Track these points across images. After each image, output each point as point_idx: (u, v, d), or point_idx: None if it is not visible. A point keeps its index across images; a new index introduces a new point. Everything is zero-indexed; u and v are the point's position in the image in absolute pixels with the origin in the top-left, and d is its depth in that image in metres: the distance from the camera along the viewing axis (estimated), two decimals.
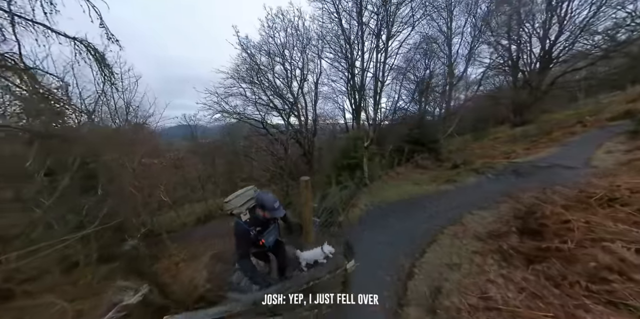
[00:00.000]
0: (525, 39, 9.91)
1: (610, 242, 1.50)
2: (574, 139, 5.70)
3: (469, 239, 2.27)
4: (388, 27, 6.92)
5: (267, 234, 1.53)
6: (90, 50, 2.66)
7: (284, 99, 8.02)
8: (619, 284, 1.28)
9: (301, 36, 7.50)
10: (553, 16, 9.05)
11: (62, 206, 2.57)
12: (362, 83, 7.22)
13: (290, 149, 8.41)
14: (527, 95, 10.30)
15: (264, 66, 7.62)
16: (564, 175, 3.34)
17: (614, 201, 1.83)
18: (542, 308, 1.32)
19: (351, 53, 7.15)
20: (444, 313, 1.54)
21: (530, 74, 10.27)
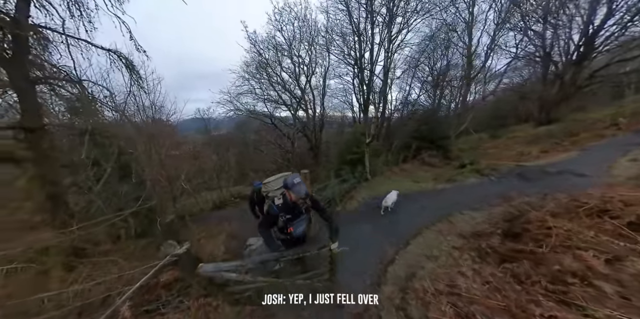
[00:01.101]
0: (564, 22, 7.92)
1: (584, 250, 1.54)
2: (599, 143, 5.11)
3: (452, 236, 2.39)
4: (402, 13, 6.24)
5: (296, 223, 1.60)
6: (122, 59, 3.03)
7: (291, 94, 8.02)
8: (577, 288, 1.36)
9: (309, 28, 7.24)
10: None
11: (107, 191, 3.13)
12: (371, 77, 6.85)
13: (297, 143, 8.61)
14: (558, 90, 8.83)
15: (272, 60, 7.54)
16: (572, 182, 3.15)
17: (604, 213, 1.79)
18: (498, 299, 1.46)
19: (359, 45, 6.71)
20: (412, 292, 1.76)
21: (565, 66, 8.51)
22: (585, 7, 7.57)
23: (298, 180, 1.45)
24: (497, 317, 1.35)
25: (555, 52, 8.68)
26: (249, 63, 7.75)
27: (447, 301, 1.57)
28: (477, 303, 1.48)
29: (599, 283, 1.35)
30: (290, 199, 1.52)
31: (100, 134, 3.15)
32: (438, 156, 7.21)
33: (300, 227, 1.64)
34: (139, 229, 3.42)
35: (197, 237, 4.15)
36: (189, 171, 7.52)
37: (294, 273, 2.14)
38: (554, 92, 8.96)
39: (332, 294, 1.95)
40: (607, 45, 7.65)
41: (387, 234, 2.62)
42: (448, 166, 6.41)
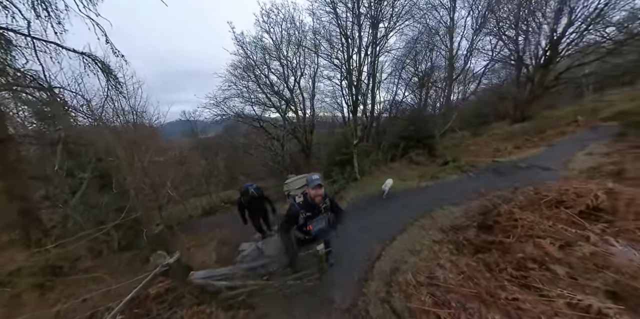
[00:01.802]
0: (534, 29, 8.93)
1: (542, 238, 1.71)
2: (563, 139, 5.60)
3: (433, 231, 2.53)
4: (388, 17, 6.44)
5: (315, 221, 1.66)
6: (98, 63, 2.84)
7: (280, 95, 7.93)
8: (536, 272, 1.52)
9: (297, 30, 7.22)
10: (564, 5, 8.06)
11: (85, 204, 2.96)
12: (359, 78, 6.99)
13: (288, 145, 8.57)
14: (529, 90, 9.69)
15: (260, 62, 7.43)
16: (540, 176, 3.44)
17: (560, 203, 1.99)
18: (470, 287, 1.59)
19: (347, 47, 6.81)
20: (396, 285, 1.86)
21: (535, 68, 9.48)
22: (550, 16, 8.49)
23: (316, 177, 1.57)
24: (469, 303, 1.47)
25: (526, 55, 9.57)
26: (236, 65, 7.61)
27: (427, 291, 1.68)
28: (452, 291, 1.60)
29: (553, 267, 1.51)
30: (311, 197, 1.60)
31: (75, 143, 2.94)
32: (424, 154, 7.51)
33: (318, 225, 1.70)
34: (124, 241, 3.27)
35: (187, 246, 4.04)
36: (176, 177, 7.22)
37: (284, 274, 2.19)
38: (526, 93, 9.87)
39: (322, 292, 2.03)
40: (568, 51, 8.69)
41: (374, 232, 2.72)
42: (433, 164, 6.70)
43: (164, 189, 5.91)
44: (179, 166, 8.28)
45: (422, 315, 1.52)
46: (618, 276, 1.31)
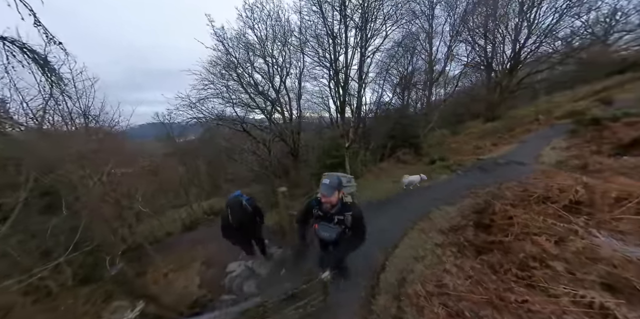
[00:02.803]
0: (499, 39, 10.41)
1: (538, 235, 1.80)
2: (530, 136, 6.30)
3: (434, 233, 2.56)
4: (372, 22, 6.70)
5: (322, 225, 1.54)
6: (27, 52, 2.09)
7: (265, 96, 7.47)
8: (538, 270, 1.57)
9: (282, 28, 6.94)
10: (524, 20, 9.61)
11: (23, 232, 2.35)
12: (346, 79, 7.10)
13: (275, 148, 8.22)
14: (498, 93, 11.12)
15: (243, 60, 6.97)
16: (518, 171, 3.77)
17: (547, 199, 2.15)
18: (480, 292, 1.59)
19: (334, 48, 6.89)
20: (406, 299, 1.79)
21: (501, 74, 10.99)
22: (512, 29, 9.99)
23: (326, 181, 1.43)
24: (482, 310, 1.46)
25: (494, 62, 11.08)
26: (215, 62, 6.93)
27: (439, 302, 1.64)
28: (464, 299, 1.58)
29: (552, 263, 1.58)
30: (322, 200, 1.48)
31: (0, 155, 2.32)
32: (411, 153, 7.85)
33: (324, 232, 1.57)
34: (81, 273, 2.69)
35: (164, 271, 3.53)
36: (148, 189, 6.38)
37: (286, 306, 1.97)
38: (496, 95, 11.32)
39: (328, 317, 1.87)
40: (527, 60, 10.32)
41: (376, 239, 2.65)
42: (420, 162, 7.02)
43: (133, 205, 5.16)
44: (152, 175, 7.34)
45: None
46: (609, 268, 1.40)
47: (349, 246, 1.62)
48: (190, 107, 6.97)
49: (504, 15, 9.78)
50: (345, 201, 1.52)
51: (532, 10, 9.36)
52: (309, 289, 1.82)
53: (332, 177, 1.47)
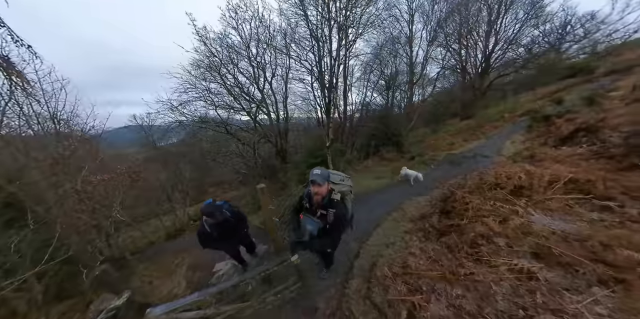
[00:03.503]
0: (472, 45, 11.44)
1: (487, 217, 2.05)
2: (495, 132, 6.96)
3: (405, 222, 2.76)
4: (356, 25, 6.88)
5: (306, 217, 1.53)
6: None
7: (250, 97, 7.35)
8: (484, 247, 1.80)
9: (266, 29, 6.89)
10: (491, 29, 10.74)
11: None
12: (331, 80, 7.23)
13: (261, 149, 8.09)
14: (471, 94, 12.12)
15: (227, 61, 6.79)
16: (482, 163, 4.17)
17: (497, 186, 2.43)
18: (437, 269, 1.78)
19: (318, 49, 6.97)
20: (375, 280, 1.94)
21: (474, 76, 12.10)
22: (483, 36, 11.07)
23: (317, 171, 1.41)
24: (437, 285, 1.63)
25: (468, 66, 12.09)
26: (197, 64, 6.64)
27: (402, 281, 1.80)
28: (423, 276, 1.76)
29: (496, 240, 1.82)
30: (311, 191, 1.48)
31: None
32: (393, 151, 8.23)
33: (307, 223, 1.56)
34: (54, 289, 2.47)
35: (148, 279, 3.38)
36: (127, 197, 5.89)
37: (264, 292, 2.03)
38: (470, 96, 12.28)
39: (306, 301, 1.96)
40: (496, 64, 11.52)
41: (353, 231, 2.78)
42: (402, 159, 7.39)
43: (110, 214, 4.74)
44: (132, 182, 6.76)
45: (399, 304, 1.61)
46: (538, 240, 1.65)
47: (322, 242, 1.60)
48: (171, 110, 6.67)
49: (474, 23, 10.79)
50: (332, 198, 1.47)
51: (498, 20, 10.41)
52: (284, 273, 1.89)
53: (322, 169, 1.46)
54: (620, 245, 1.34)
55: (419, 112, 11.30)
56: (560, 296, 1.22)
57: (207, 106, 7.03)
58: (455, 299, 1.45)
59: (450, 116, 14.62)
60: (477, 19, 10.79)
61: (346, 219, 1.57)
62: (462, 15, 10.40)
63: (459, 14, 10.36)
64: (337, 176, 1.69)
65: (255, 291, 2.04)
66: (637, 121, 2.80)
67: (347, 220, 1.61)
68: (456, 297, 1.47)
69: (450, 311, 1.40)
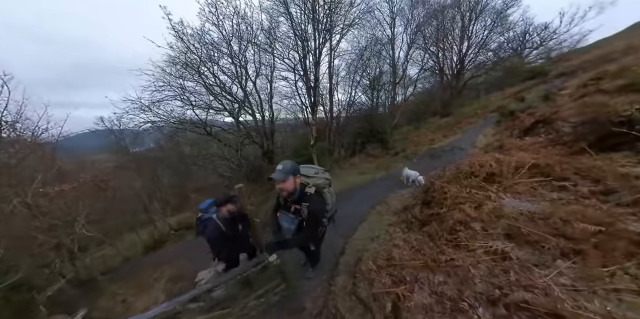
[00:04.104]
0: (448, 48, 12.60)
1: (463, 204, 2.13)
2: (470, 127, 7.51)
3: (389, 215, 2.79)
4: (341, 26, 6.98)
5: (282, 214, 1.50)
6: None
7: (233, 97, 7.02)
8: (462, 232, 1.85)
9: (249, 27, 6.66)
10: (464, 34, 12.00)
11: None
12: (316, 79, 7.22)
13: (246, 150, 7.76)
14: (449, 93, 13.24)
15: (207, 58, 6.42)
16: (459, 155, 4.43)
17: (472, 174, 2.56)
18: (420, 258, 1.79)
19: (302, 49, 6.92)
20: (360, 275, 1.89)
21: (451, 77, 13.35)
22: (457, 40, 12.28)
23: (279, 166, 1.37)
24: (420, 273, 1.64)
25: (445, 67, 13.21)
26: (174, 61, 6.12)
27: (386, 273, 1.78)
28: (406, 267, 1.75)
29: (473, 225, 1.89)
30: None
31: None
32: (379, 148, 8.46)
33: (283, 221, 1.51)
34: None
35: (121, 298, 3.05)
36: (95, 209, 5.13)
37: (245, 296, 1.88)
38: (448, 95, 13.45)
39: (292, 303, 1.86)
40: (470, 66, 12.84)
41: (338, 227, 2.74)
42: (387, 155, 7.61)
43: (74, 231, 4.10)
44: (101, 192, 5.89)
45: (383, 297, 1.58)
46: (509, 221, 1.75)
47: (297, 237, 1.53)
48: (142, 110, 6.04)
49: (449, 28, 11.91)
50: (306, 191, 1.44)
51: (469, 26, 11.88)
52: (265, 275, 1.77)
53: (286, 163, 1.40)
54: (576, 219, 1.46)
55: (402, 110, 11.87)
56: (531, 272, 1.27)
57: (185, 105, 6.56)
58: (437, 286, 1.46)
59: (430, 114, 15.58)
60: (452, 25, 11.92)
61: (321, 212, 1.49)
62: (438, 21, 11.38)
63: (436, 19, 11.30)
64: (310, 169, 1.62)
65: (236, 296, 1.89)
66: (581, 113, 3.16)
67: (322, 214, 1.53)
68: (438, 284, 1.48)
69: (432, 298, 1.39)
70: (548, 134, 3.46)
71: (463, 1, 11.37)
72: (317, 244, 1.76)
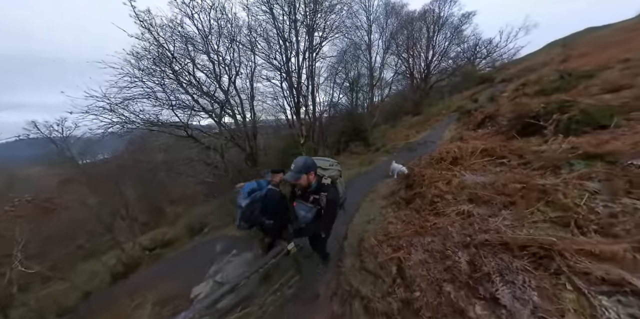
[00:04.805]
0: (417, 55, 14.98)
1: (437, 182, 2.69)
2: (438, 124, 8.79)
3: (379, 200, 3.23)
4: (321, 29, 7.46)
5: (299, 204, 1.61)
6: None
7: (212, 97, 6.71)
8: (439, 203, 2.37)
9: (228, 23, 6.39)
10: (430, 43, 14.54)
11: None
12: (299, 81, 7.56)
13: (229, 154, 7.50)
14: (419, 95, 15.52)
15: (181, 55, 5.95)
16: (430, 147, 5.25)
17: (441, 160, 3.20)
18: (410, 228, 2.22)
19: (285, 50, 7.17)
20: (365, 252, 2.23)
21: (420, 80, 15.70)
22: (424, 48, 14.74)
23: (292, 166, 1.48)
24: (413, 239, 2.05)
25: (415, 71, 15.53)
26: (142, 54, 5.44)
27: (386, 245, 2.16)
28: (401, 236, 2.16)
29: (446, 196, 2.42)
30: None
31: None
32: (361, 145, 9.17)
33: (300, 210, 1.64)
34: None
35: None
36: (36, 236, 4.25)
37: (264, 292, 1.98)
38: (418, 96, 15.56)
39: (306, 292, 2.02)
40: (435, 71, 15.47)
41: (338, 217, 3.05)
42: (369, 152, 8.32)
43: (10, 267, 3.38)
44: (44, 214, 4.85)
45: (388, 264, 1.94)
46: (471, 190, 2.31)
47: (316, 225, 1.68)
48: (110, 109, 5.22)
49: (418, 38, 14.26)
50: (323, 182, 1.55)
51: (434, 37, 14.43)
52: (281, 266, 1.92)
53: (298, 161, 1.47)
54: (510, 182, 2.07)
55: (380, 110, 13.09)
56: (487, 221, 1.79)
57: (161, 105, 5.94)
58: (428, 245, 1.88)
59: (404, 113, 17.49)
60: (419, 35, 14.27)
61: (337, 201, 1.64)
62: (408, 30, 13.49)
63: (407, 29, 13.37)
64: (325, 161, 1.74)
65: (255, 294, 1.96)
66: (513, 110, 4.20)
67: (338, 202, 1.68)
68: (428, 243, 1.90)
69: (426, 254, 1.80)
70: (492, 126, 4.47)
71: (428, 15, 13.94)
72: (328, 231, 1.84)
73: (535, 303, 1.02)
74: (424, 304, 1.36)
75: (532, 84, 5.32)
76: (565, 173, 1.96)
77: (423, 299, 1.39)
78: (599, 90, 3.15)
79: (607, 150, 1.98)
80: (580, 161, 2.03)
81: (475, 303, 1.17)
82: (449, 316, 1.21)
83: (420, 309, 1.35)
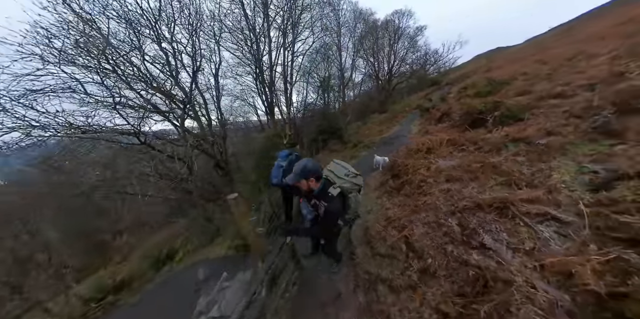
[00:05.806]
0: (381, 59, 17.59)
1: (419, 169, 3.29)
2: (404, 120, 10.18)
3: (372, 192, 3.67)
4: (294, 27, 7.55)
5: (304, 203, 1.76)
6: None
7: (168, 95, 5.73)
8: (424, 186, 2.94)
9: (187, 9, 5.52)
10: (392, 50, 17.38)
11: None
12: (272, 79, 7.48)
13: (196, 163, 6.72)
14: (384, 95, 17.97)
15: (118, 39, 4.67)
16: (403, 140, 6.13)
17: (418, 150, 3.88)
18: (407, 209, 2.69)
19: (257, 46, 6.93)
20: (372, 239, 2.57)
21: (384, 82, 18.46)
22: (387, 53, 17.33)
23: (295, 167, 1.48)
24: (411, 217, 2.51)
25: (380, 74, 18.17)
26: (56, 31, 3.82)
27: (391, 227, 2.56)
28: (399, 217, 2.60)
29: (429, 180, 3.01)
30: None
31: None
32: (339, 143, 9.77)
33: (303, 208, 1.88)
34: None
35: None
36: None
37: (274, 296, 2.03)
38: (383, 96, 17.85)
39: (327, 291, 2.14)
40: (396, 74, 18.45)
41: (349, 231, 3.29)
42: (347, 148, 8.95)
43: None
44: None
45: (397, 243, 2.32)
46: (446, 172, 2.96)
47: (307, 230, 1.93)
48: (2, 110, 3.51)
49: (381, 44, 16.65)
50: (328, 191, 1.45)
51: (394, 45, 16.62)
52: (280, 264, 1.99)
53: (298, 164, 1.45)
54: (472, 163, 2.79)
55: (352, 109, 14.18)
56: (462, 193, 2.38)
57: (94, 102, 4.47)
58: (424, 219, 2.35)
59: (371, 111, 19.46)
60: (383, 42, 16.76)
61: (336, 215, 1.51)
62: (374, 37, 15.56)
63: (372, 35, 15.36)
64: (342, 169, 1.67)
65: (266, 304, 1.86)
66: (461, 108, 5.39)
67: (337, 216, 1.53)
68: (424, 218, 2.38)
69: (425, 227, 2.26)
70: (449, 121, 5.61)
71: (389, 25, 16.27)
72: (329, 240, 1.85)
73: (507, 240, 1.54)
74: (437, 267, 1.76)
75: (470, 87, 6.90)
76: (504, 153, 2.77)
77: (435, 263, 1.79)
78: (514, 94, 4.42)
79: (525, 135, 2.89)
80: (512, 144, 2.89)
81: (472, 253, 1.63)
82: (458, 269, 1.62)
83: (435, 272, 1.74)
